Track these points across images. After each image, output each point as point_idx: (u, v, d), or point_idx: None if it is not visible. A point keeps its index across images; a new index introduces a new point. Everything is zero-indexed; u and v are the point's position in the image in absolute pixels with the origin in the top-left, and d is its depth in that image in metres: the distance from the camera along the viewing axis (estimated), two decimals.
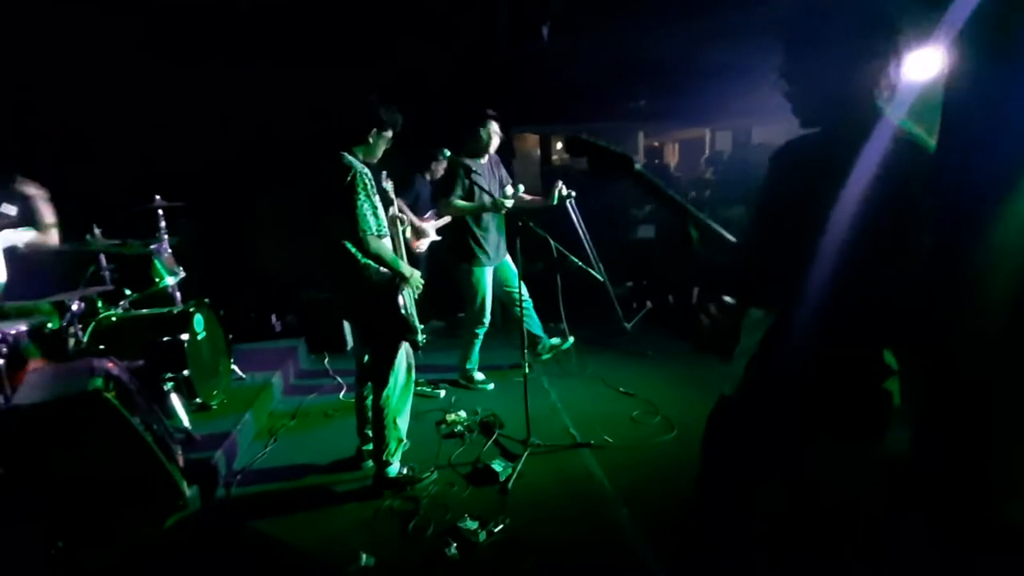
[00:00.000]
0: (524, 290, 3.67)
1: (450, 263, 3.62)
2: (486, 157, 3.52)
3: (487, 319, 3.59)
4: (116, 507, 2.08)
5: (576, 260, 3.03)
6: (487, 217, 3.48)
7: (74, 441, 2.01)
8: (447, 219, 4.63)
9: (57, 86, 3.93)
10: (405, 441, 2.57)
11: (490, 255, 3.51)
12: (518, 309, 3.41)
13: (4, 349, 2.43)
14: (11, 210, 2.80)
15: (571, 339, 3.83)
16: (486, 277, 3.54)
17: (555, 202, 3.56)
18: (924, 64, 1.87)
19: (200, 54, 4.43)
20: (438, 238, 4.65)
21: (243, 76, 4.69)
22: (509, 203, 3.46)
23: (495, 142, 3.49)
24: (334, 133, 2.37)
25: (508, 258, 3.67)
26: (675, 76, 6.02)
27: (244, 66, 4.62)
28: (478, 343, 3.68)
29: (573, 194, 3.61)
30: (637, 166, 1.18)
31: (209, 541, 2.24)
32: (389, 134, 2.40)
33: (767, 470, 1.26)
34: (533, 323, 3.80)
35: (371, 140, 2.36)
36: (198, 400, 3.04)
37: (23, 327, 2.57)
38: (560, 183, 3.57)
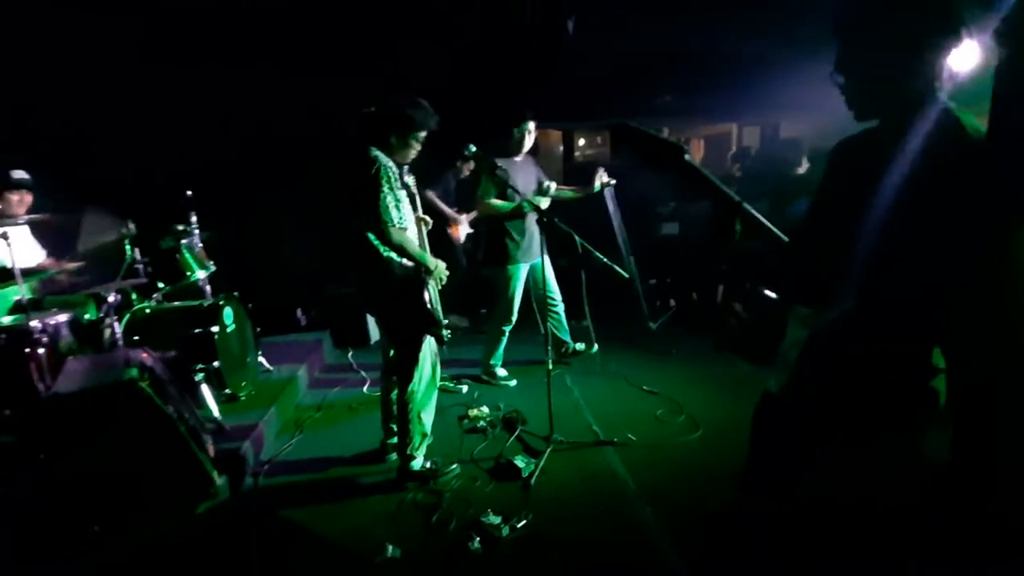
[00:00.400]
0: (558, 293, 3.67)
1: (486, 262, 3.61)
2: (521, 155, 3.51)
3: (514, 317, 3.59)
4: (150, 493, 2.14)
5: (601, 256, 3.00)
6: (525, 214, 3.46)
7: (111, 428, 2.08)
8: (474, 214, 4.76)
9: (95, 88, 4.05)
10: (429, 436, 2.59)
11: (525, 252, 3.51)
12: (550, 312, 3.40)
13: (45, 339, 2.53)
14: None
15: (595, 347, 3.83)
16: (519, 275, 3.54)
17: (597, 189, 3.57)
18: (971, 52, 1.81)
19: (230, 56, 4.52)
20: (471, 230, 4.80)
21: (272, 77, 4.78)
22: (545, 202, 3.43)
23: (528, 141, 3.48)
24: (366, 132, 2.37)
25: (545, 259, 3.65)
26: (702, 70, 5.91)
27: (273, 68, 4.71)
28: (504, 340, 3.68)
29: (613, 182, 3.61)
30: (686, 156, 1.15)
31: (239, 529, 2.29)
32: (422, 135, 2.38)
33: (806, 469, 1.23)
34: (561, 328, 3.81)
35: (393, 142, 2.35)
36: (227, 391, 3.11)
37: (63, 318, 2.67)
38: (602, 170, 3.58)
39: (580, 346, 3.90)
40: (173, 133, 4.55)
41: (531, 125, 3.43)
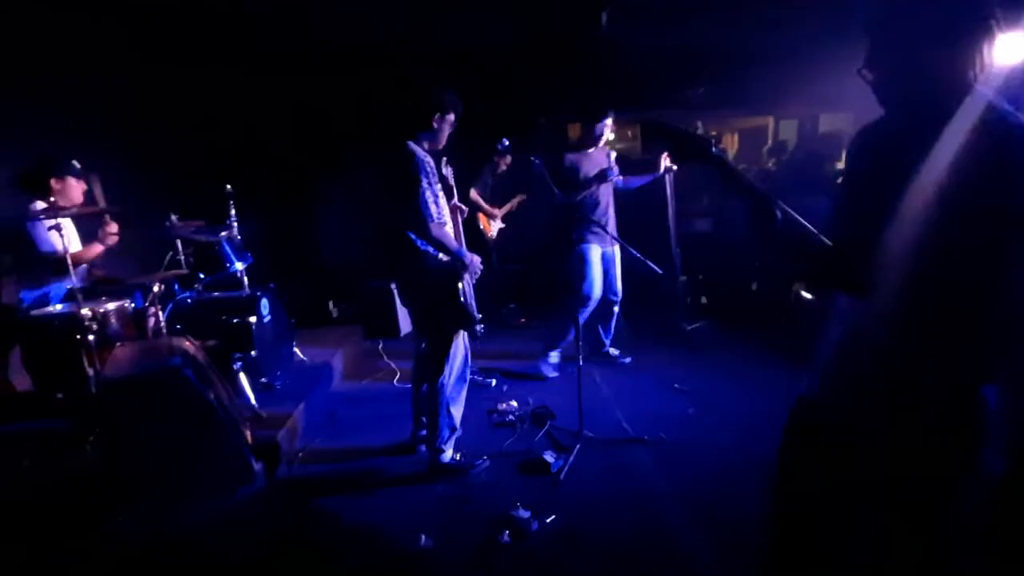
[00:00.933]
0: (620, 292, 3.69)
1: (560, 246, 3.59)
2: (595, 147, 3.57)
3: (592, 302, 3.55)
4: (192, 477, 2.22)
5: (635, 252, 2.96)
6: (599, 200, 3.52)
7: (156, 413, 2.16)
8: (510, 206, 4.79)
9: (141, 88, 4.21)
10: (458, 429, 2.61)
11: (597, 235, 3.51)
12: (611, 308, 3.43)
13: (95, 326, 2.64)
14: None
15: (629, 359, 3.83)
16: (593, 255, 3.53)
17: (661, 172, 3.66)
18: (1016, 46, 1.72)
19: (273, 60, 4.65)
20: (503, 225, 4.84)
21: (308, 75, 4.88)
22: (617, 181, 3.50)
23: (605, 135, 3.53)
24: (398, 121, 2.40)
25: (616, 251, 3.65)
26: (737, 62, 5.76)
27: (307, 67, 4.81)
28: (575, 325, 3.67)
29: (674, 168, 3.67)
30: (714, 150, 1.14)
31: (276, 514, 2.35)
32: (451, 117, 2.41)
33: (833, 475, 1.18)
34: (607, 327, 3.82)
35: (435, 125, 2.38)
36: (263, 380, 3.19)
37: (111, 306, 2.78)
38: (666, 154, 3.62)
39: (615, 352, 3.88)
40: (214, 130, 4.69)
41: (609, 121, 3.50)
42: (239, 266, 3.42)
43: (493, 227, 4.87)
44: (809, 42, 5.06)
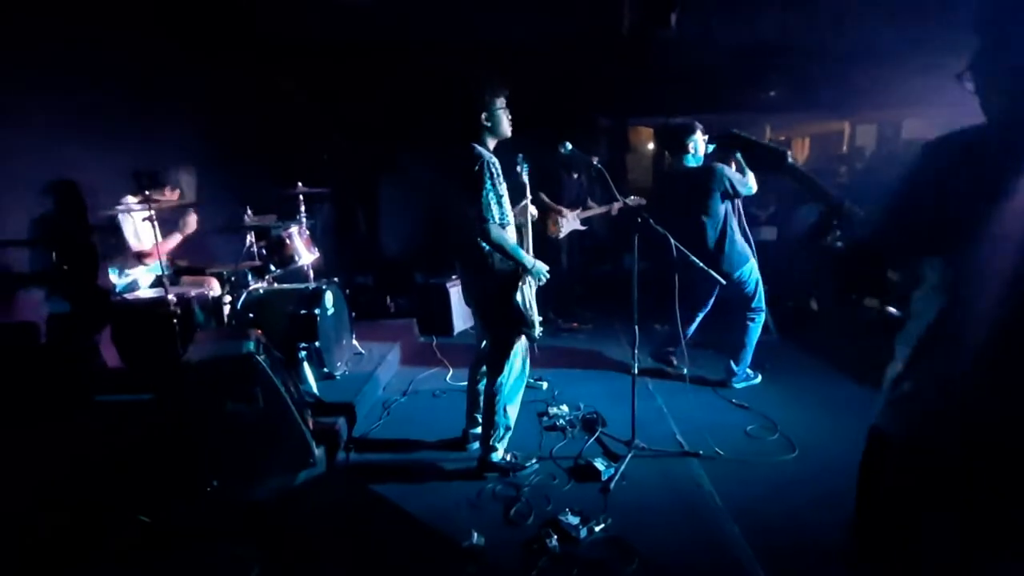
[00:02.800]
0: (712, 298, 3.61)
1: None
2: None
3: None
4: (259, 458, 2.34)
5: (696, 260, 2.87)
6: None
7: (230, 396, 2.30)
8: (594, 212, 4.65)
9: (222, 98, 4.49)
10: (512, 428, 2.62)
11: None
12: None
13: (178, 311, 2.84)
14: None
15: (685, 370, 3.71)
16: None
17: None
18: None
19: (332, 59, 4.84)
20: (583, 227, 4.76)
21: (375, 74, 5.04)
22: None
23: (698, 148, 3.46)
24: (460, 125, 2.44)
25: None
26: (811, 62, 5.49)
27: (372, 65, 4.97)
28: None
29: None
30: (789, 160, 1.13)
31: (335, 499, 2.45)
32: (501, 102, 2.38)
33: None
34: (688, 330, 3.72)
35: (488, 122, 2.36)
36: (325, 369, 3.33)
37: (192, 294, 2.99)
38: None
39: (674, 361, 3.81)
40: (285, 131, 4.94)
41: (698, 134, 3.40)
42: (306, 260, 3.58)
43: (562, 227, 4.68)
44: (892, 40, 4.74)
